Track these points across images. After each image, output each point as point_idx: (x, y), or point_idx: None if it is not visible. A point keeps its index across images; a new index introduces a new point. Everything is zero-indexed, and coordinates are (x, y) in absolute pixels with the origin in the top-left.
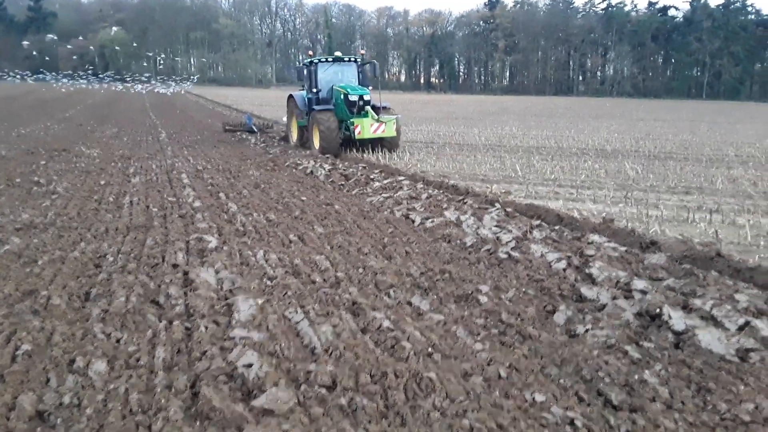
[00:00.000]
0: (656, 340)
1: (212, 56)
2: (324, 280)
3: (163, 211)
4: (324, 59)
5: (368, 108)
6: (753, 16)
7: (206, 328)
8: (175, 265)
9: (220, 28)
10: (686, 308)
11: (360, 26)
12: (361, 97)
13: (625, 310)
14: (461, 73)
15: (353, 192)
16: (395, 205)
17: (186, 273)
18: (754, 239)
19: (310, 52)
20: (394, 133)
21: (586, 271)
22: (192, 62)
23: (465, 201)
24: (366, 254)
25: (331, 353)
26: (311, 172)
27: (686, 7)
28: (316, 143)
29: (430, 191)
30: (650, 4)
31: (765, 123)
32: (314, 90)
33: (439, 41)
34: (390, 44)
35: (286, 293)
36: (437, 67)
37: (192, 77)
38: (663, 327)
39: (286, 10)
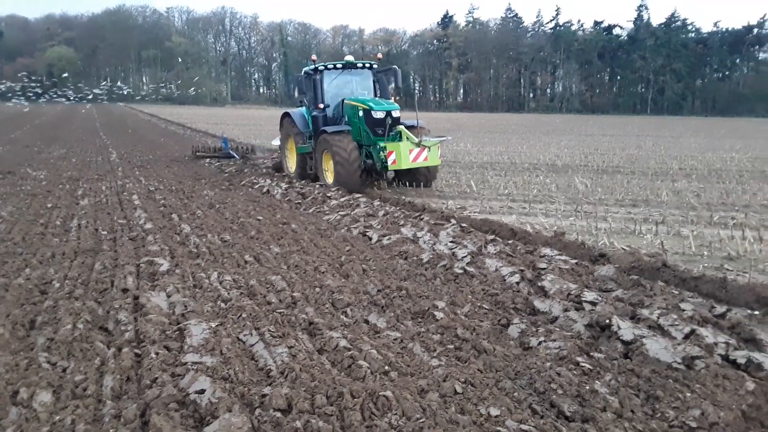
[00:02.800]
0: (606, 351)
1: (165, 74)
2: (280, 300)
3: (113, 234)
4: (332, 65)
5: (401, 128)
6: (693, 34)
7: (157, 354)
8: (124, 290)
9: (173, 46)
10: (634, 318)
11: (316, 45)
12: (388, 114)
13: (576, 321)
14: (417, 91)
15: (310, 210)
16: (352, 223)
17: (136, 298)
18: (698, 249)
19: (314, 57)
20: (438, 161)
21: (539, 284)
22: (144, 80)
23: (421, 217)
24: (323, 273)
25: (286, 375)
26: (267, 191)
27: (630, 26)
28: (329, 175)
29: (387, 208)
30: (596, 23)
31: (706, 137)
32: (321, 106)
33: (394, 60)
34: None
35: (240, 315)
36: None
37: (126, 91)
38: (613, 337)
39: (240, 29)
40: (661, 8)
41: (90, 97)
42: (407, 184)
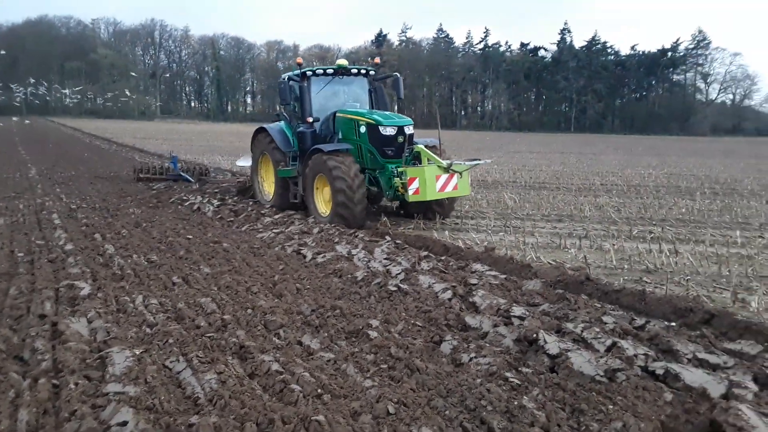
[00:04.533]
0: (534, 365)
1: (90, 87)
2: (209, 324)
3: (30, 256)
4: (321, 71)
5: (420, 147)
6: (612, 57)
7: (76, 384)
8: (42, 316)
9: (98, 58)
10: (560, 332)
11: (249, 59)
12: (401, 131)
13: (505, 336)
14: None
15: (243, 228)
16: (287, 241)
17: (54, 324)
18: (619, 262)
19: (300, 60)
20: (469, 191)
21: (470, 299)
22: (67, 93)
23: (356, 234)
24: (255, 293)
25: (215, 403)
26: (198, 208)
27: (554, 48)
28: (322, 206)
29: (321, 225)
30: (522, 45)
31: (625, 154)
32: (310, 119)
33: None
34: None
35: (167, 341)
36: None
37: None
38: (539, 352)
39: (171, 42)
40: (582, 32)
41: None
42: (414, 215)
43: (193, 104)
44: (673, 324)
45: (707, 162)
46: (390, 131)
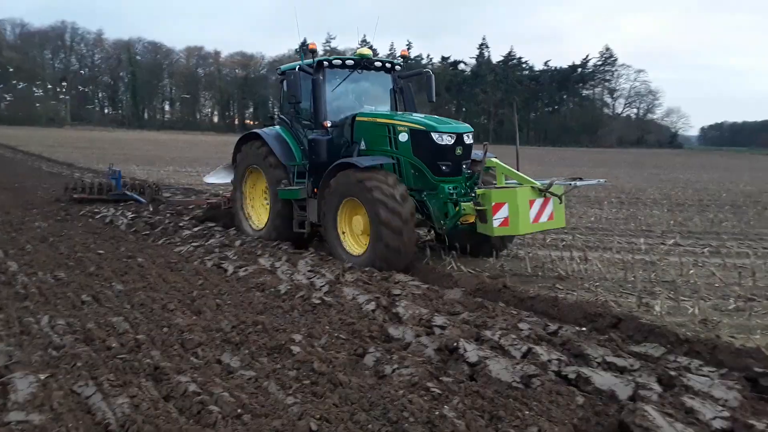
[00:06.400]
0: (454, 374)
1: None
2: (122, 344)
3: None
4: (340, 60)
5: (495, 161)
6: (527, 72)
7: None
8: None
9: (3, 61)
10: (479, 340)
11: (168, 65)
12: (459, 139)
13: (427, 346)
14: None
15: (160, 242)
16: (206, 254)
17: None
18: (534, 270)
19: (313, 44)
20: (564, 221)
21: (394, 310)
22: None
23: (280, 246)
24: (172, 311)
25: (127, 428)
26: (111, 221)
27: (473, 62)
28: (351, 242)
29: (243, 237)
30: (443, 58)
31: (540, 164)
32: (327, 124)
33: (253, 83)
34: (201, 85)
35: (75, 364)
36: (252, 109)
37: None
38: (460, 360)
39: (83, 45)
40: (500, 47)
41: None
42: (458, 249)
43: (106, 110)
44: (584, 329)
45: (614, 172)
46: (447, 140)
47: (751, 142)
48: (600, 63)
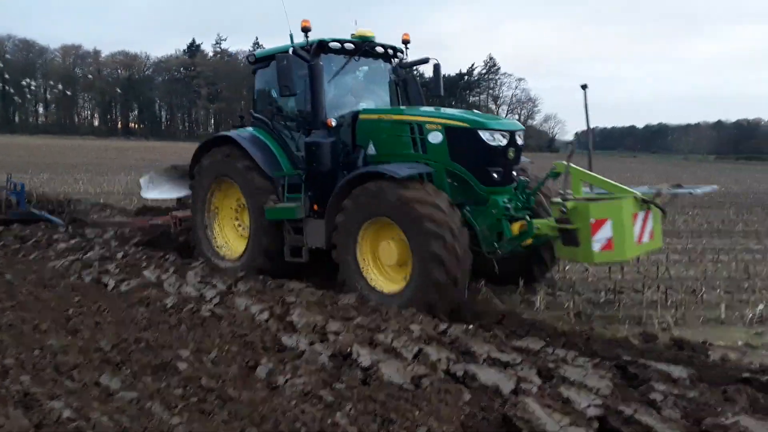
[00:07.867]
0: (347, 380)
1: None
2: None
3: None
4: (339, 44)
5: (563, 164)
6: (419, 78)
7: None
8: None
9: None
10: (372, 344)
11: (41, 64)
12: (512, 139)
13: (321, 353)
14: (163, 119)
15: (31, 257)
16: (84, 269)
17: None
18: None
19: (306, 22)
20: (661, 241)
21: (288, 319)
22: None
23: (167, 258)
24: (44, 332)
25: None
26: None
27: None
28: (381, 277)
29: (126, 249)
30: None
31: None
32: (332, 122)
33: (137, 84)
34: (80, 85)
35: None
36: (136, 112)
37: None
38: (353, 365)
39: None
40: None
41: None
42: (519, 278)
43: None
44: (471, 326)
45: None
46: (499, 140)
47: (618, 145)
48: (484, 71)
